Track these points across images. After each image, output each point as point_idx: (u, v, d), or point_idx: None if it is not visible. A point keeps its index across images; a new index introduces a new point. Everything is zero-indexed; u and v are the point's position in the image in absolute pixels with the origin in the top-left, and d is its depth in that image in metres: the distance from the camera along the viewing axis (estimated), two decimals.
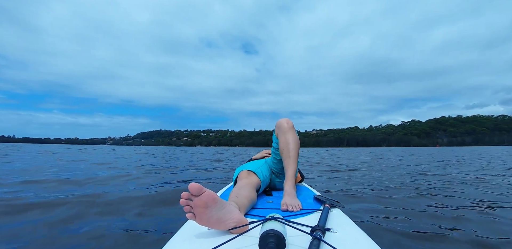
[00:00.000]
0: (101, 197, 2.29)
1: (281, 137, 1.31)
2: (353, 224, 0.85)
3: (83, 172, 4.33)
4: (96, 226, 1.55)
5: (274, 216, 0.70)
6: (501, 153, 13.16)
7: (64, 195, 2.32)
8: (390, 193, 2.59)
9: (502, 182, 3.38)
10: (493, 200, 2.25)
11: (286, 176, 1.23)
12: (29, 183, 2.99)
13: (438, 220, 1.67)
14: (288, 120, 1.33)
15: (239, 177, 1.27)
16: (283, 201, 1.05)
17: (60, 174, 3.89)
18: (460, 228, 1.51)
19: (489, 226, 1.56)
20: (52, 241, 1.32)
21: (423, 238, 1.37)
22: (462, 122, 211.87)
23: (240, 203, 0.91)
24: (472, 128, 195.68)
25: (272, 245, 0.58)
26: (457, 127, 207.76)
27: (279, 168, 1.45)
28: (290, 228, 0.70)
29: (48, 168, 4.92)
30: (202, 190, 0.70)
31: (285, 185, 1.18)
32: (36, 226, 1.53)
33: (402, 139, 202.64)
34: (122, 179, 3.50)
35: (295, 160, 1.25)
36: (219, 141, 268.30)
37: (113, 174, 4.05)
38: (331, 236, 0.71)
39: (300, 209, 1.00)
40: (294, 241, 0.67)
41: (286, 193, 1.13)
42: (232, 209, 0.77)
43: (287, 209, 0.99)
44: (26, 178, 3.37)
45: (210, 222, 0.73)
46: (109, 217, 1.75)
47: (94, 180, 3.28)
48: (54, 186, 2.81)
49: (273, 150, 1.46)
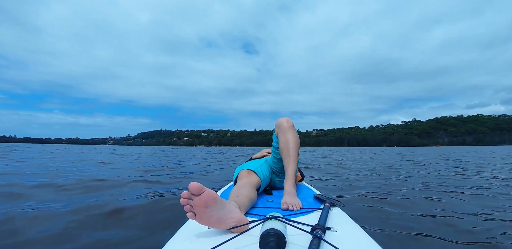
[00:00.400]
0: (101, 196, 2.30)
1: (281, 136, 1.31)
2: (354, 223, 0.85)
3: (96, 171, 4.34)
4: (95, 224, 1.54)
5: (275, 215, 0.70)
6: (506, 154, 12.93)
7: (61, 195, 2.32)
8: (391, 192, 2.59)
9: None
10: (494, 202, 2.24)
11: (286, 175, 1.23)
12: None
13: (439, 220, 1.67)
14: (288, 119, 1.33)
15: (239, 176, 1.27)
16: (283, 200, 1.05)
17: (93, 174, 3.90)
18: (460, 228, 1.51)
19: (490, 226, 1.55)
20: (51, 237, 1.32)
21: (423, 238, 1.37)
22: (463, 122, 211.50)
23: (240, 202, 0.91)
24: (473, 127, 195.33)
25: (272, 244, 0.58)
26: (458, 126, 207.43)
27: (279, 167, 1.45)
28: (291, 227, 0.70)
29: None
30: (203, 189, 0.70)
31: (285, 184, 1.19)
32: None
33: (403, 138, 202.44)
34: (123, 179, 3.51)
35: (295, 159, 1.25)
36: (219, 141, 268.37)
37: (116, 174, 4.06)
38: (331, 235, 0.72)
39: (300, 208, 1.01)
40: (294, 240, 0.67)
41: (286, 192, 1.13)
42: (232, 208, 0.77)
43: (287, 208, 0.99)
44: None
45: (211, 221, 0.73)
46: (108, 215, 1.75)
47: (94, 180, 3.29)
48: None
49: (273, 149, 1.46)
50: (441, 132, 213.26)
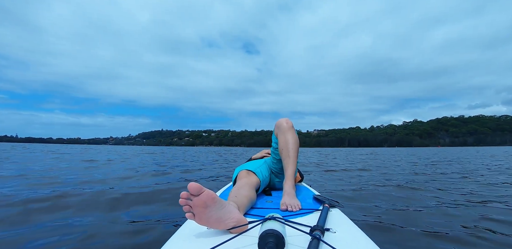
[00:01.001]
0: (101, 196, 2.30)
1: (281, 137, 1.30)
2: (352, 224, 0.85)
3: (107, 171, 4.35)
4: (94, 224, 1.55)
5: (274, 216, 0.70)
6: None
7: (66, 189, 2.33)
8: (390, 193, 2.58)
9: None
10: (495, 199, 2.24)
11: (285, 176, 1.23)
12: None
13: (439, 220, 1.67)
14: (288, 120, 1.33)
15: (239, 177, 1.27)
16: (283, 201, 1.05)
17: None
18: (460, 229, 1.51)
19: (491, 228, 1.55)
20: (50, 237, 1.32)
21: (423, 238, 1.37)
22: (464, 122, 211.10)
23: (239, 202, 0.91)
24: (474, 128, 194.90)
25: (271, 244, 0.58)
26: (459, 127, 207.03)
27: (279, 168, 1.45)
28: (290, 228, 0.70)
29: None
30: (202, 189, 0.70)
31: (285, 184, 1.18)
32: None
33: (404, 139, 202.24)
34: (124, 179, 3.52)
35: (294, 159, 1.25)
36: (220, 141, 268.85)
37: (122, 174, 4.07)
38: (330, 236, 0.72)
39: (299, 208, 1.01)
40: (293, 241, 0.67)
41: (285, 193, 1.12)
42: (232, 209, 0.77)
43: (286, 209, 0.99)
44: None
45: (210, 221, 0.73)
46: (108, 216, 1.75)
47: (96, 179, 3.30)
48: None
49: (273, 150, 1.46)
50: (442, 132, 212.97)
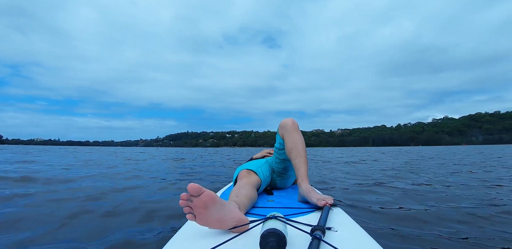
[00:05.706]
0: (101, 195, 2.32)
1: (289, 137, 1.29)
2: (354, 223, 0.84)
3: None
4: (96, 225, 1.53)
5: (275, 215, 0.69)
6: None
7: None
8: (391, 193, 2.50)
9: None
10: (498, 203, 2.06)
11: (299, 175, 1.19)
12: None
13: (439, 221, 1.61)
14: (293, 120, 1.32)
15: (239, 176, 1.27)
16: (316, 197, 1.01)
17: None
18: (461, 229, 1.45)
19: (492, 228, 1.46)
20: (50, 234, 1.35)
21: (424, 238, 1.32)
22: (500, 118, 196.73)
23: (240, 202, 0.91)
24: (511, 124, 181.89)
25: (273, 244, 0.57)
26: (494, 123, 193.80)
27: (282, 168, 1.44)
28: (291, 227, 0.69)
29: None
30: (201, 190, 0.69)
31: (302, 183, 1.15)
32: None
33: (432, 137, 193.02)
34: (125, 179, 3.51)
35: (306, 159, 1.23)
36: (244, 142, 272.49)
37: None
38: (331, 235, 0.70)
39: (332, 199, 0.99)
40: (295, 240, 0.66)
41: (307, 190, 1.08)
42: (232, 208, 0.76)
43: (326, 203, 0.96)
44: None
45: (210, 222, 0.72)
46: (110, 216, 1.74)
47: (96, 179, 3.35)
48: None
49: (276, 150, 1.43)
50: (476, 129, 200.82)
